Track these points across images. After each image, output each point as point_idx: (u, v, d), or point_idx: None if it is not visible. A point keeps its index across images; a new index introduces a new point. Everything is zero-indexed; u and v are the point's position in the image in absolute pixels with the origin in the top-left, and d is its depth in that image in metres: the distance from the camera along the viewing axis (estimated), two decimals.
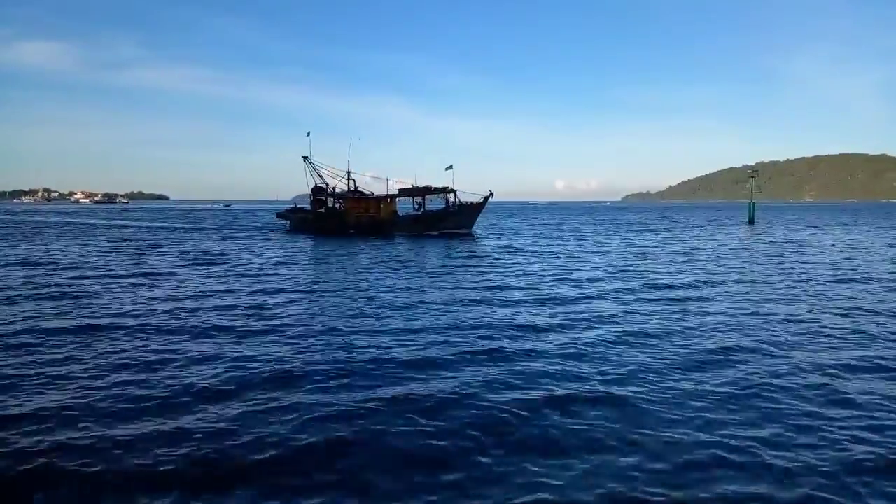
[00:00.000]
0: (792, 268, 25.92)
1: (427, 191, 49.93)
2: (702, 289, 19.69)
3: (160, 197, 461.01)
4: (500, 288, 19.72)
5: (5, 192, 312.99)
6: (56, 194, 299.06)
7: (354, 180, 51.59)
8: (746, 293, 18.65)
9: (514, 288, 19.78)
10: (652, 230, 60.05)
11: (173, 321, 13.97)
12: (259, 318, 14.44)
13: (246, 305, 16.23)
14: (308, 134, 50.67)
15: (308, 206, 54.53)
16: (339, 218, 49.50)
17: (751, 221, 69.23)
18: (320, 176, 50.63)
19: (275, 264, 27.20)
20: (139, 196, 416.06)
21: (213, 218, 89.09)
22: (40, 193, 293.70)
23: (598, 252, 34.52)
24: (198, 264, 27.18)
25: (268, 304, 16.53)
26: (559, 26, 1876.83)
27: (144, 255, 31.55)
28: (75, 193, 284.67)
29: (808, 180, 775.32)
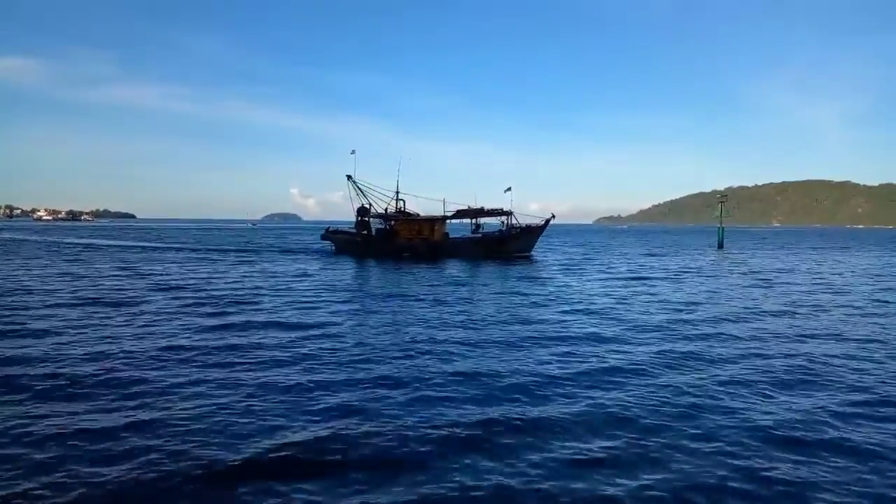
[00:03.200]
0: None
1: (482, 213, 46.03)
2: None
3: (126, 215, 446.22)
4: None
5: None
6: (18, 211, 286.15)
7: (404, 201, 47.94)
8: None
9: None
10: (651, 254, 58.61)
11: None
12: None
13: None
14: (353, 152, 47.48)
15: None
16: (389, 241, 46.12)
17: (720, 246, 67.95)
18: (364, 195, 47.13)
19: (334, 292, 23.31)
20: (105, 214, 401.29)
21: (237, 239, 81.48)
22: (2, 210, 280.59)
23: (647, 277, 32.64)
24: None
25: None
26: (537, 49, 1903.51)
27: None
28: (38, 210, 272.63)
29: (775, 205, 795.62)
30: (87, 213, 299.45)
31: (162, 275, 29.75)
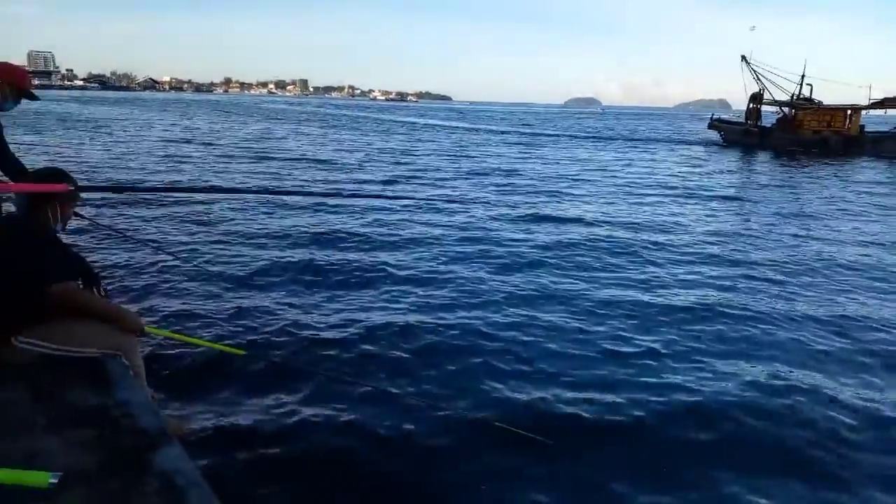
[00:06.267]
0: None
1: None
2: None
3: (443, 97, 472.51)
4: None
5: (319, 88, 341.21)
6: (358, 91, 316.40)
7: (811, 86, 40.68)
8: None
9: None
10: None
11: None
12: None
13: None
14: (752, 28, 41.70)
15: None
16: (791, 132, 38.94)
17: None
18: (760, 79, 40.47)
19: None
20: (426, 96, 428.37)
21: (594, 123, 70.82)
22: (346, 90, 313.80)
23: None
24: None
25: None
26: None
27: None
28: (374, 91, 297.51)
29: None
30: (412, 95, 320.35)
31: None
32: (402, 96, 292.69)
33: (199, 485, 1.97)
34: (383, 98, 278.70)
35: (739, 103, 48.15)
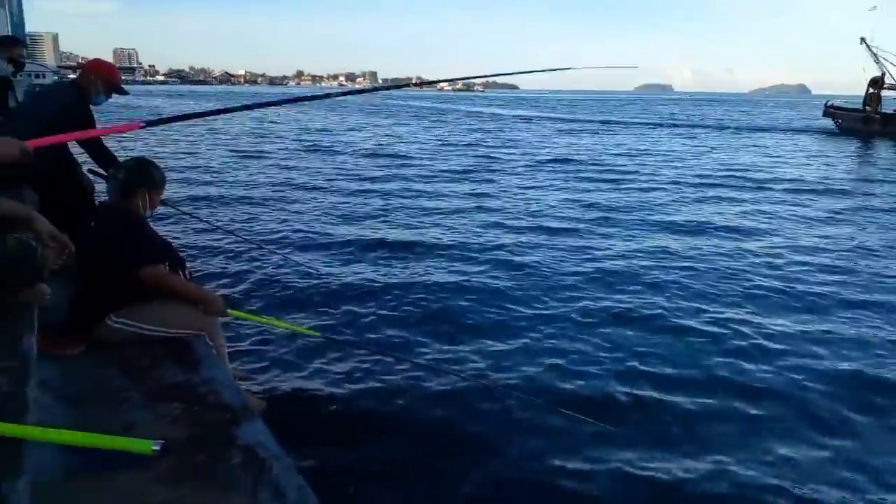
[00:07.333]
0: None
1: None
2: None
3: (510, 86, 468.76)
4: None
5: (388, 79, 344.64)
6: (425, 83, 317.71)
7: None
8: None
9: None
10: None
11: None
12: None
13: None
14: (872, 9, 38.99)
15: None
16: None
17: None
18: (881, 63, 37.93)
19: None
20: (492, 85, 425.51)
21: (678, 111, 66.98)
22: (414, 80, 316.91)
23: None
24: None
25: None
26: None
27: None
28: (441, 83, 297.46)
29: None
30: (479, 85, 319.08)
31: None
32: (468, 87, 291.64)
33: (281, 458, 2.04)
34: (450, 89, 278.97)
35: (819, 88, 44.67)
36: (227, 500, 1.81)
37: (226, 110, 3.41)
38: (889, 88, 38.31)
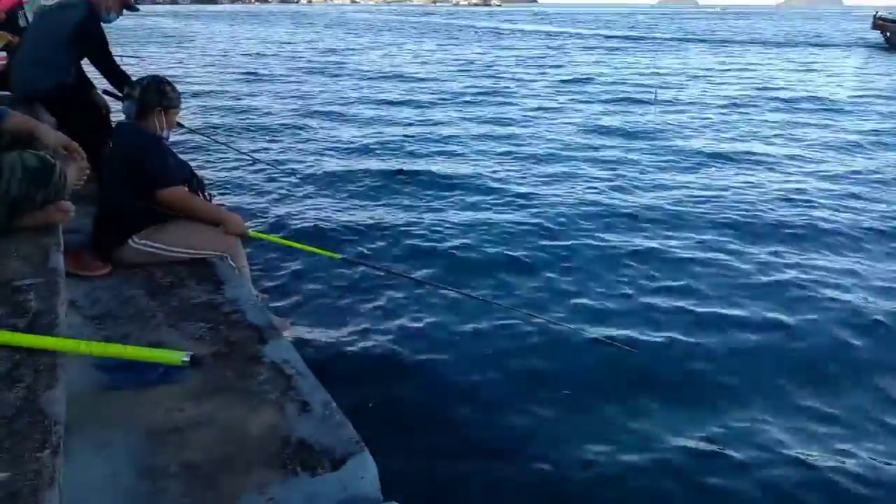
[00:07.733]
0: None
1: None
2: None
3: (529, 0, 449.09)
4: None
5: None
6: None
7: None
8: None
9: None
10: None
11: None
12: None
13: None
14: None
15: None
16: None
17: None
18: None
19: None
20: (510, 0, 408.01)
21: (710, 26, 62.28)
22: None
23: None
24: None
25: None
26: None
27: None
28: None
29: None
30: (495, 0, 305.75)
31: None
32: (485, 1, 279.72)
33: (306, 375, 2.08)
34: (466, 3, 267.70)
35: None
36: (254, 415, 1.86)
37: None
38: None
